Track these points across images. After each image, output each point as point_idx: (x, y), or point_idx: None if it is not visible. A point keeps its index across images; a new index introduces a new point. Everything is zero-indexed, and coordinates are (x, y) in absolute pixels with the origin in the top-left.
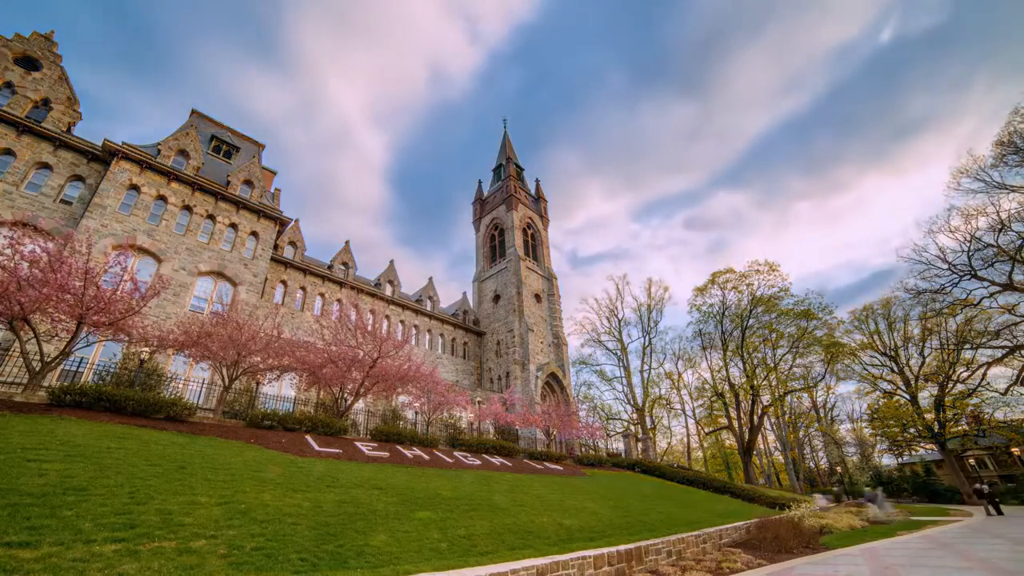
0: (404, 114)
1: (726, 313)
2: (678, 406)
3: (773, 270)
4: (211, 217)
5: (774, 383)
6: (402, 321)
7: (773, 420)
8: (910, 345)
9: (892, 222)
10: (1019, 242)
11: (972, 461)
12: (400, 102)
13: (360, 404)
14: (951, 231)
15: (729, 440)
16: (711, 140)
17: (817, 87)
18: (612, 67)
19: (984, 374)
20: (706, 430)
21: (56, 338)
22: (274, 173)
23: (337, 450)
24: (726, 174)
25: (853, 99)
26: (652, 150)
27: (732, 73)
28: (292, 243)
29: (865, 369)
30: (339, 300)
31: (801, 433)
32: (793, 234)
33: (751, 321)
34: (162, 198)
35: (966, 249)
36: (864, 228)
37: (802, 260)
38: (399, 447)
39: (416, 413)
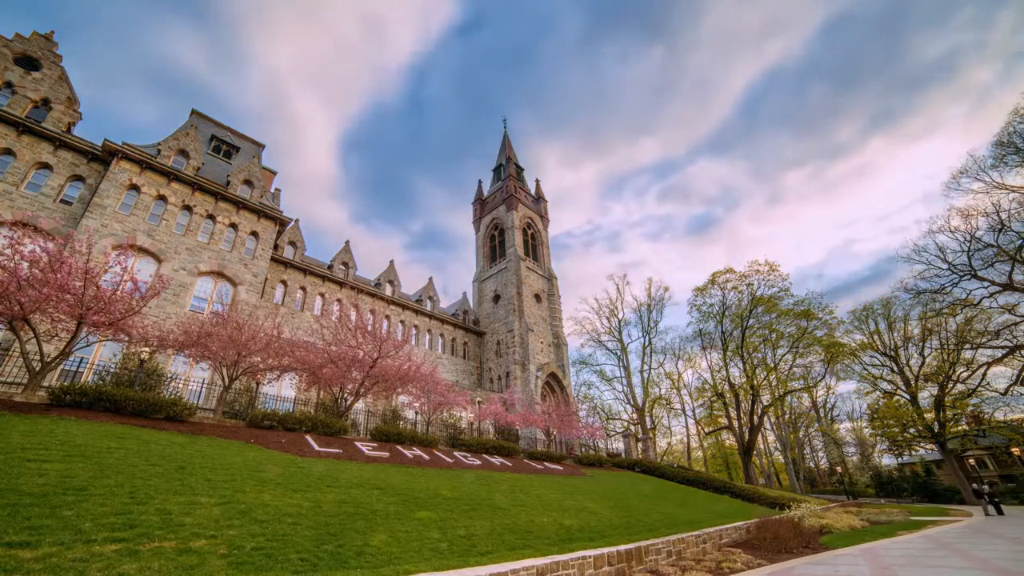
0: (342, 77)
1: (726, 313)
2: (678, 406)
3: (773, 270)
4: (211, 217)
5: (774, 383)
6: (402, 321)
7: (773, 420)
8: (910, 345)
9: (899, 194)
10: (1019, 242)
11: (972, 461)
12: (336, 64)
13: (360, 404)
14: (951, 231)
15: (729, 440)
16: (684, 97)
17: (807, 26)
18: (564, 7)
19: (984, 374)
20: (706, 430)
21: (56, 338)
22: (274, 173)
23: (337, 450)
24: (706, 138)
25: (852, 41)
26: (616, 106)
27: (700, 8)
28: (292, 243)
29: (865, 369)
30: (339, 300)
31: (801, 433)
32: (787, 210)
33: (751, 321)
34: (162, 198)
35: (966, 249)
36: (867, 201)
37: (798, 241)
38: (399, 447)
39: (416, 413)
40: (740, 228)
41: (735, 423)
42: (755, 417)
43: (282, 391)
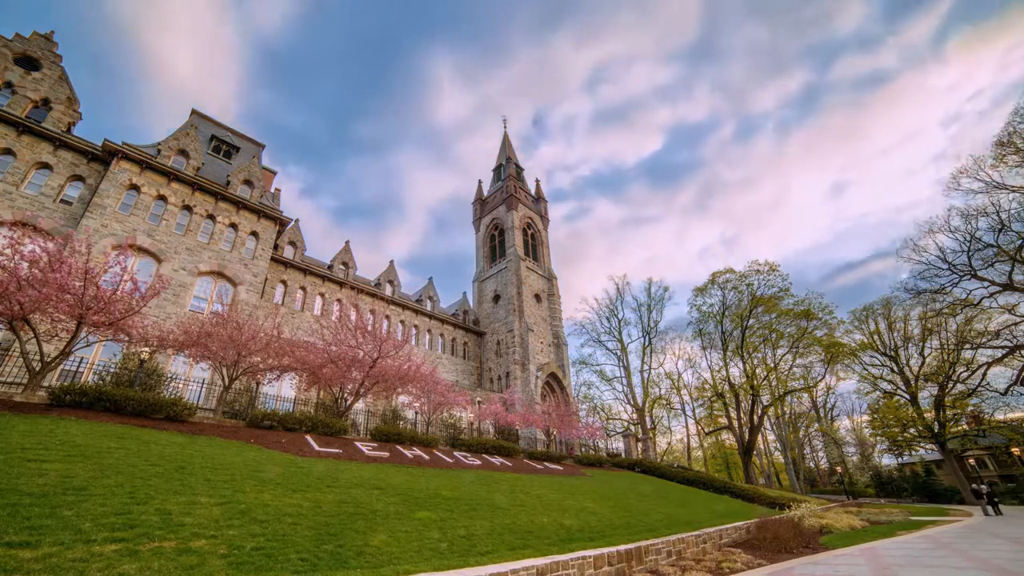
0: None
1: (726, 313)
2: (678, 406)
3: (773, 270)
4: (211, 217)
5: (774, 383)
6: (402, 321)
7: (773, 420)
8: (910, 345)
9: (915, 115)
10: (1019, 242)
11: (972, 461)
12: None
13: (360, 404)
14: (951, 231)
15: (729, 440)
16: None
17: None
18: None
19: (984, 374)
20: (706, 430)
21: (56, 338)
22: (274, 173)
23: (337, 450)
24: (645, 34)
25: None
26: None
27: None
28: (292, 243)
29: (865, 369)
30: (339, 300)
31: (801, 433)
32: (763, 147)
33: (751, 321)
34: (162, 198)
35: (966, 249)
36: (869, 131)
37: (776, 194)
38: (399, 447)
39: (416, 413)
40: (709, 174)
41: (735, 423)
42: (755, 417)
43: (282, 391)
